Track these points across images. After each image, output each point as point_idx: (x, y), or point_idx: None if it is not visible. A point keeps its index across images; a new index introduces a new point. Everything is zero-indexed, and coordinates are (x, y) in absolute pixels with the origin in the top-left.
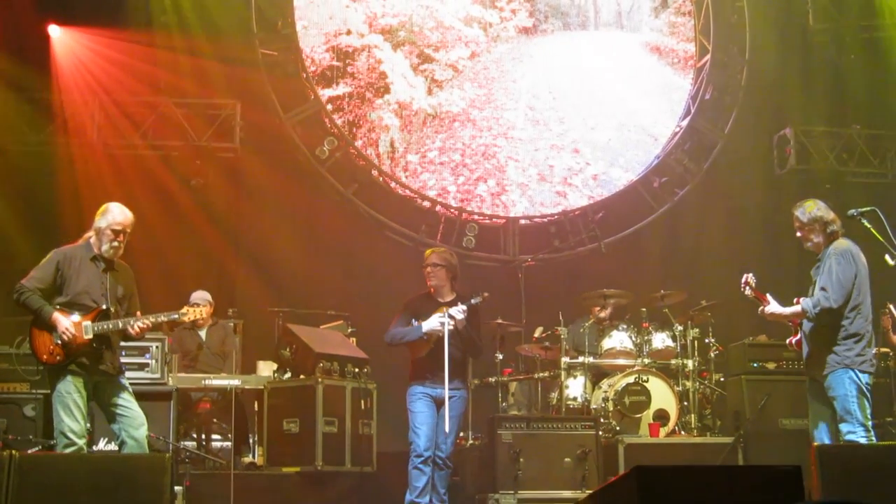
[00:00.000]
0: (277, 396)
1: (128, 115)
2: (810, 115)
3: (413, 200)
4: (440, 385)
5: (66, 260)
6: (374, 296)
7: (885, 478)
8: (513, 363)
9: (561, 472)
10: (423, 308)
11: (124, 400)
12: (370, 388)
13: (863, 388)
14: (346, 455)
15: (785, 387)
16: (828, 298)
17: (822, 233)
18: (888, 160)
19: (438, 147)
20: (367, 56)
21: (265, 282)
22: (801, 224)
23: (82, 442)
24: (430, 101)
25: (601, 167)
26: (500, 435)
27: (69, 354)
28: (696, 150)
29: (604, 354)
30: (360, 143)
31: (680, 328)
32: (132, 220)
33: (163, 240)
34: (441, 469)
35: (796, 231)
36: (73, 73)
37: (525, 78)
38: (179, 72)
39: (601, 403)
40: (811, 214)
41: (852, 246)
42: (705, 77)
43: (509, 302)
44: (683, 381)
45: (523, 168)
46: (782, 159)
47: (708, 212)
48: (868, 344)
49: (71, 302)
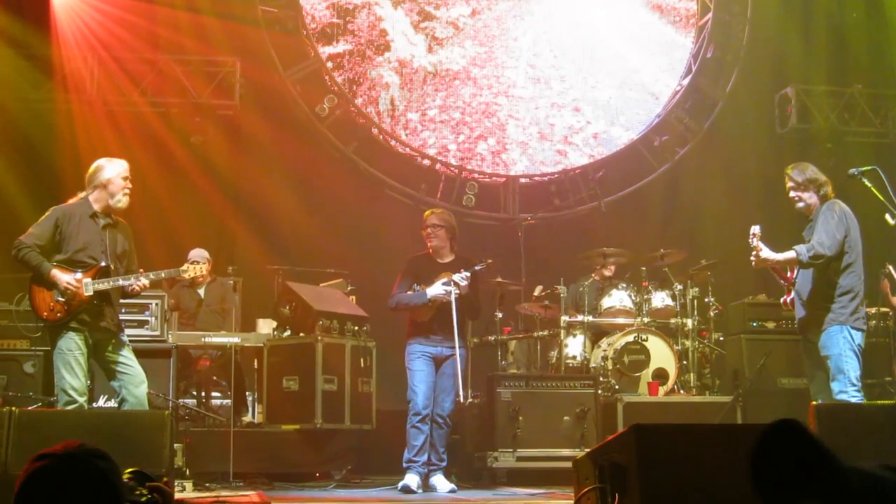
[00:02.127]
0: (277, 354)
1: (127, 71)
2: (812, 75)
3: (413, 159)
4: (439, 343)
5: (66, 217)
6: (374, 254)
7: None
8: (512, 322)
9: (560, 430)
10: (423, 269)
11: (125, 357)
12: (370, 346)
13: (855, 347)
14: (345, 413)
15: (784, 346)
16: (822, 244)
17: (815, 193)
18: (889, 119)
19: (439, 105)
20: (368, 13)
21: (265, 239)
22: (795, 184)
23: (83, 399)
24: (431, 59)
25: (602, 126)
26: (499, 393)
27: (70, 311)
28: (696, 109)
29: (603, 313)
30: (361, 100)
31: (680, 287)
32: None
33: (162, 197)
34: (440, 427)
35: (789, 191)
36: (73, 29)
37: (526, 36)
38: (179, 28)
39: (600, 362)
40: (806, 175)
41: (844, 206)
42: (707, 35)
43: (509, 261)
44: (683, 340)
45: (524, 126)
46: (783, 118)
47: (708, 171)
48: (861, 302)
49: (71, 259)
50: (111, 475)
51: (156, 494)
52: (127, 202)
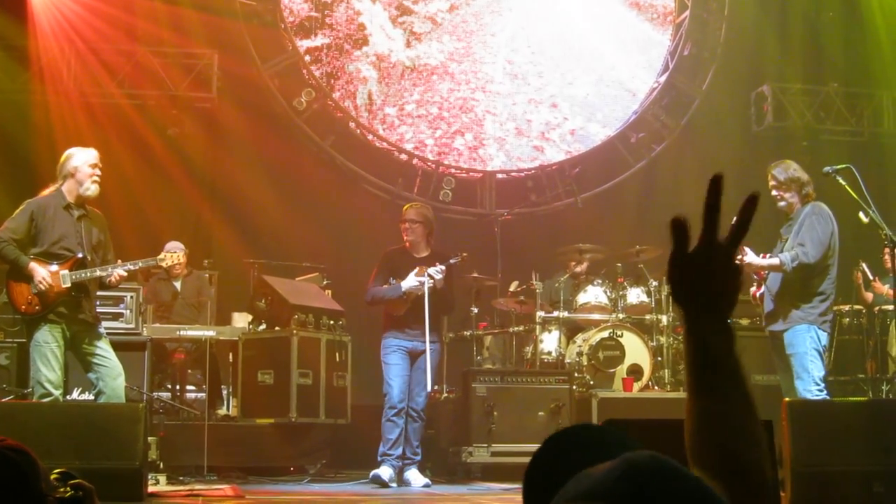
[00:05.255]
0: (252, 348)
1: (104, 63)
2: (788, 73)
3: (390, 153)
4: (414, 338)
5: (40, 210)
6: (350, 248)
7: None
8: (488, 317)
9: (534, 425)
10: (399, 263)
11: (102, 349)
12: (345, 340)
13: (820, 348)
14: (320, 407)
15: (758, 343)
16: (806, 254)
17: (797, 193)
18: (864, 118)
19: (416, 100)
20: (346, 7)
21: (241, 233)
22: (778, 183)
23: (58, 393)
24: (409, 54)
25: (579, 122)
26: (474, 388)
27: (47, 304)
28: (673, 106)
29: (578, 309)
30: (338, 94)
31: (655, 283)
32: (99, 154)
33: (138, 189)
34: (415, 421)
35: (771, 190)
36: (50, 19)
37: (504, 31)
38: (156, 20)
39: (575, 358)
40: (789, 174)
41: (826, 209)
42: (684, 33)
43: (485, 256)
44: (658, 336)
45: (501, 122)
46: (759, 116)
47: (684, 168)
48: (831, 306)
49: (47, 252)
50: (26, 467)
51: (79, 492)
52: (96, 190)
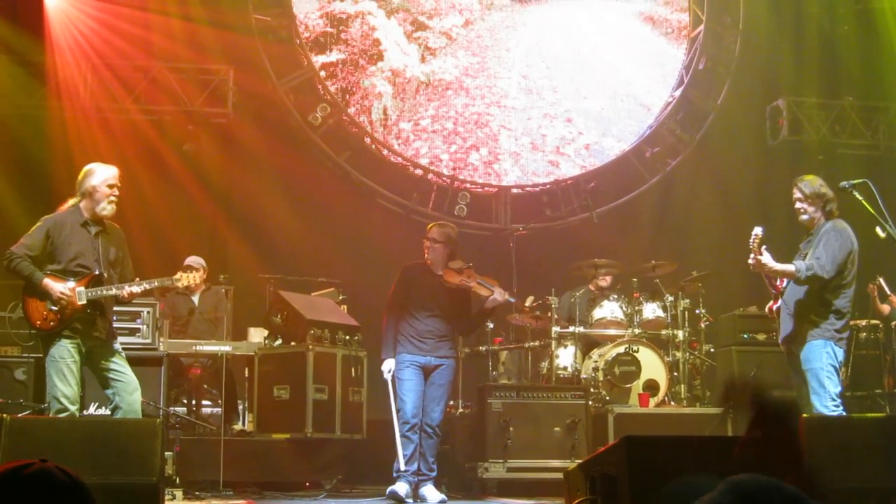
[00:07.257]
0: (268, 363)
1: (120, 79)
2: (803, 87)
3: (405, 168)
4: (428, 353)
5: (56, 227)
6: (366, 263)
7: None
8: (503, 332)
9: (550, 441)
10: (417, 279)
11: (118, 365)
12: (361, 355)
13: (836, 364)
14: (336, 422)
15: (775, 358)
16: (822, 267)
17: (820, 208)
18: (880, 132)
19: (431, 115)
20: (361, 23)
21: (257, 248)
22: (802, 196)
23: (74, 408)
24: (424, 69)
25: (594, 137)
26: (489, 404)
27: (63, 320)
28: (688, 121)
29: (594, 324)
30: (353, 110)
31: (671, 298)
32: (119, 173)
33: (155, 205)
34: (430, 437)
35: (795, 202)
36: (67, 36)
37: (518, 46)
38: (173, 36)
39: (591, 373)
40: (814, 189)
41: (848, 227)
42: (699, 47)
43: (500, 271)
44: (674, 351)
45: (516, 137)
46: (775, 130)
47: (700, 182)
48: (848, 323)
49: (64, 269)
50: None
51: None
52: (112, 210)
